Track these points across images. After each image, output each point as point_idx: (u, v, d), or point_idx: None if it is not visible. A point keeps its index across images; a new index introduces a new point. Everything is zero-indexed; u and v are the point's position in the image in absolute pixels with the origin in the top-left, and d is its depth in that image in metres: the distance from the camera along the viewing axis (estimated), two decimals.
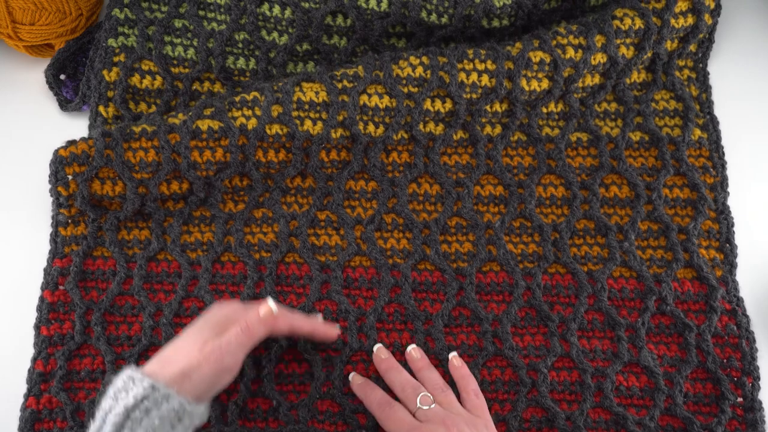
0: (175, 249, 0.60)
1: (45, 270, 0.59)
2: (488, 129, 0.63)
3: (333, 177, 0.62)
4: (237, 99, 0.60)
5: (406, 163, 0.63)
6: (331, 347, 0.57)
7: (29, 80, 0.68)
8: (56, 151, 0.58)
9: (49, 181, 0.58)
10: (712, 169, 0.62)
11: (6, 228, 0.63)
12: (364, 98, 0.60)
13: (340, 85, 0.61)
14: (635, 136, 0.63)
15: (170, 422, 0.47)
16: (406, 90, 0.61)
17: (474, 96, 0.62)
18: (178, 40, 0.66)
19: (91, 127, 0.64)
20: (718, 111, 0.65)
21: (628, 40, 0.63)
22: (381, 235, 0.61)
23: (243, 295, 0.58)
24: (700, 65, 0.65)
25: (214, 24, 0.67)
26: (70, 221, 0.60)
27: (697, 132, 0.63)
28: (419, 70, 0.61)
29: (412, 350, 0.57)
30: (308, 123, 0.60)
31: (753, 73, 0.68)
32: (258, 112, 0.59)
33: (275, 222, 0.61)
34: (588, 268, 0.59)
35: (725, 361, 0.56)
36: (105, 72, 0.64)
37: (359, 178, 0.62)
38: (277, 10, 0.64)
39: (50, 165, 0.58)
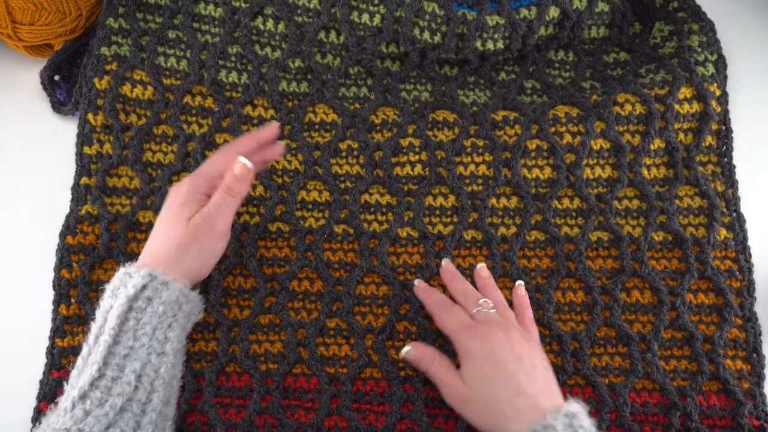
0: None
1: (41, 382, 0.57)
2: (503, 230, 0.61)
3: (342, 281, 0.59)
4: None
5: (417, 264, 0.60)
6: None
7: (29, 80, 0.68)
8: (63, 237, 0.59)
9: (54, 268, 0.59)
10: (738, 273, 0.59)
11: (5, 227, 0.63)
12: (365, 196, 0.62)
13: (342, 186, 0.62)
14: (658, 236, 0.60)
15: (172, 309, 0.48)
16: (406, 188, 0.62)
17: (475, 188, 0.61)
18: (171, 51, 0.66)
19: (79, 135, 0.64)
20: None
21: (631, 127, 0.61)
22: (393, 344, 0.58)
23: (249, 409, 0.55)
24: (725, 159, 0.62)
25: (208, 36, 0.66)
26: (67, 331, 0.57)
27: (723, 232, 0.60)
28: (418, 168, 0.62)
29: (481, 269, 0.58)
30: (311, 220, 0.61)
31: None
32: (262, 210, 0.62)
33: (282, 330, 0.58)
34: (609, 381, 0.57)
35: None
36: (96, 80, 0.64)
37: (369, 282, 0.59)
38: (270, 24, 0.64)
39: (56, 252, 0.59)
